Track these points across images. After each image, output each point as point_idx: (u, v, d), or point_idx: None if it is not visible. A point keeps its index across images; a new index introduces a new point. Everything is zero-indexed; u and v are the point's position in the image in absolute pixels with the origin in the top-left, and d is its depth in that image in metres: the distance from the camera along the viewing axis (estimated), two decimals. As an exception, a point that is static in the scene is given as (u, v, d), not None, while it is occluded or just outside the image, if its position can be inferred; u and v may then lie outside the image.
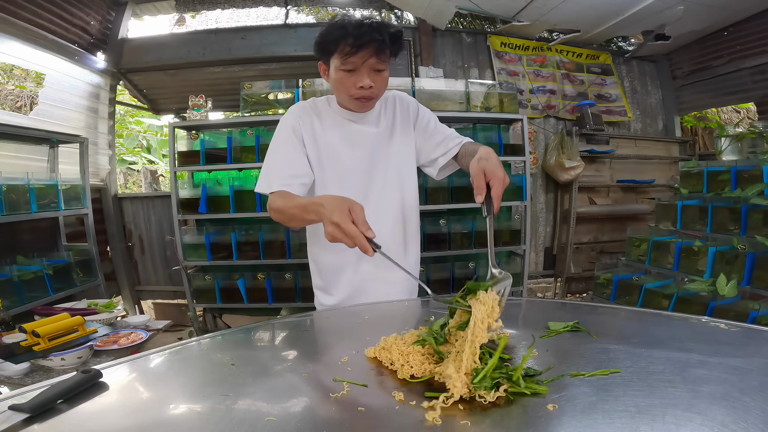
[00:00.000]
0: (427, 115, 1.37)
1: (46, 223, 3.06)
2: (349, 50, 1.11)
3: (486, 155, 1.07)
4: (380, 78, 1.18)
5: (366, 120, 1.28)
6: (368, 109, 1.27)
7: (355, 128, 1.27)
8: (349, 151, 1.26)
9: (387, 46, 1.13)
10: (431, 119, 1.36)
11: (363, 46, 1.10)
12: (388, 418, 0.57)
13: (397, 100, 1.35)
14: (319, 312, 1.29)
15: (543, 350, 0.76)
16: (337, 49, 1.13)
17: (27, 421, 0.56)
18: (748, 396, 0.56)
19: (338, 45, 1.13)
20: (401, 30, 1.19)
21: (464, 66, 4.09)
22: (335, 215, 0.86)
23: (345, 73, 1.16)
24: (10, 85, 5.32)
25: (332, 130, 1.26)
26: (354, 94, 1.18)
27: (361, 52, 1.11)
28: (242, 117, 3.13)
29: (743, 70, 3.90)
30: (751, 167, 2.43)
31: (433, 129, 1.34)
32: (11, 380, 1.50)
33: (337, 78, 1.18)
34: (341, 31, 1.11)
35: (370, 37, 1.10)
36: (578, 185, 3.99)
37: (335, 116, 1.28)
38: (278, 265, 3.06)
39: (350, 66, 1.14)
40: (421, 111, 1.37)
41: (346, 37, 1.11)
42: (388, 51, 1.15)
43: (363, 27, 1.11)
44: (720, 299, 2.28)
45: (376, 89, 1.18)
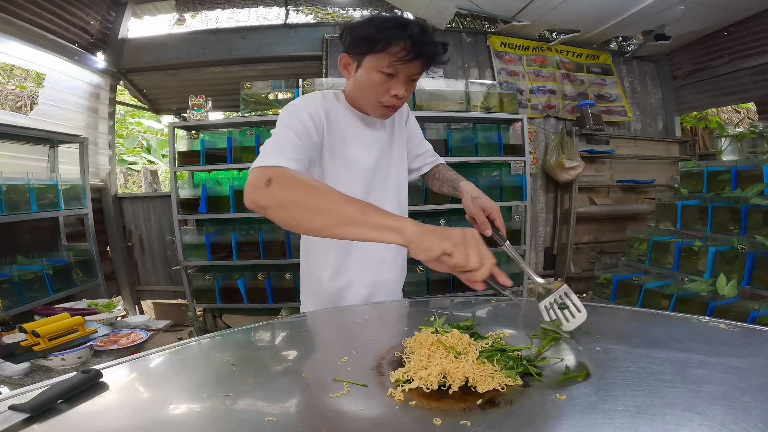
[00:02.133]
0: (414, 123, 1.36)
1: (46, 223, 3.06)
2: (404, 55, 0.98)
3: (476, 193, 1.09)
4: (411, 88, 1.09)
5: (375, 125, 1.21)
6: (387, 118, 1.18)
7: (367, 132, 1.19)
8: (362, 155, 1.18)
9: (439, 60, 1.04)
10: (417, 131, 1.36)
11: (421, 54, 0.99)
12: (388, 418, 0.57)
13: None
14: (319, 312, 1.28)
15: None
16: (387, 48, 0.99)
17: (27, 421, 0.56)
18: (748, 396, 0.56)
19: (392, 45, 0.98)
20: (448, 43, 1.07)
21: (464, 66, 4.09)
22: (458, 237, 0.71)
23: (383, 77, 1.02)
24: (11, 85, 5.32)
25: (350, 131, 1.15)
26: (384, 101, 1.07)
27: (416, 61, 1.00)
28: (242, 117, 3.13)
29: (743, 70, 3.90)
30: (751, 167, 2.43)
31: (417, 141, 1.34)
32: (11, 380, 1.50)
33: (371, 80, 1.04)
34: (402, 32, 0.97)
35: (431, 48, 1.00)
36: (578, 185, 3.99)
37: (347, 113, 1.16)
38: (278, 265, 3.06)
39: (393, 70, 1.01)
40: (410, 119, 1.34)
41: (406, 38, 0.97)
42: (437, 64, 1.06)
43: (427, 34, 0.99)
44: (720, 299, 2.28)
45: (405, 100, 1.10)
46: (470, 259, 0.69)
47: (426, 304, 1.24)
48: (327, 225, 0.77)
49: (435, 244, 0.70)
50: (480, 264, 0.70)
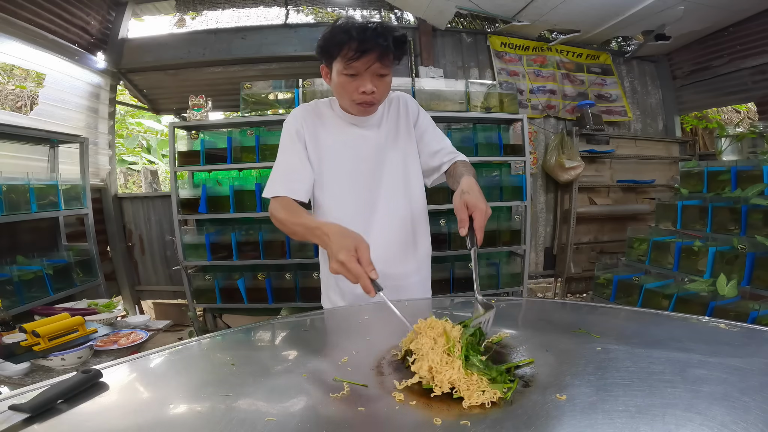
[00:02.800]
0: (426, 121, 1.35)
1: (46, 223, 3.06)
2: (352, 55, 1.08)
3: (468, 188, 1.04)
4: (383, 83, 1.16)
5: (368, 123, 1.26)
6: (370, 114, 1.25)
7: (357, 132, 1.25)
8: (351, 155, 1.24)
9: (391, 51, 1.12)
10: (429, 126, 1.35)
11: (367, 51, 1.08)
12: (388, 418, 0.57)
13: (401, 101, 1.33)
14: (319, 312, 1.29)
15: (543, 350, 0.76)
16: (340, 53, 1.11)
17: (27, 421, 0.56)
18: (748, 396, 0.56)
19: (341, 49, 1.10)
20: (405, 34, 1.16)
21: (464, 66, 4.09)
22: (341, 254, 0.86)
23: (347, 78, 1.13)
24: (11, 85, 5.32)
25: (334, 133, 1.25)
26: (356, 99, 1.16)
27: (364, 58, 1.09)
28: (242, 117, 3.13)
29: (743, 70, 3.90)
30: (751, 167, 2.42)
31: (430, 137, 1.33)
32: (11, 380, 1.50)
33: (340, 82, 1.15)
34: (345, 35, 1.09)
35: (374, 42, 1.08)
36: (578, 185, 3.99)
37: (337, 119, 1.26)
38: (278, 265, 3.06)
39: (353, 71, 1.11)
40: (420, 116, 1.35)
41: (349, 41, 1.08)
42: (391, 56, 1.13)
43: (367, 31, 1.08)
44: (720, 299, 2.28)
45: (379, 94, 1.16)
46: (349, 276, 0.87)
47: (426, 304, 1.24)
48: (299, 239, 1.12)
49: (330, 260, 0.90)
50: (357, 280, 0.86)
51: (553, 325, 0.92)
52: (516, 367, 0.69)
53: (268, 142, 2.91)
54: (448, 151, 1.31)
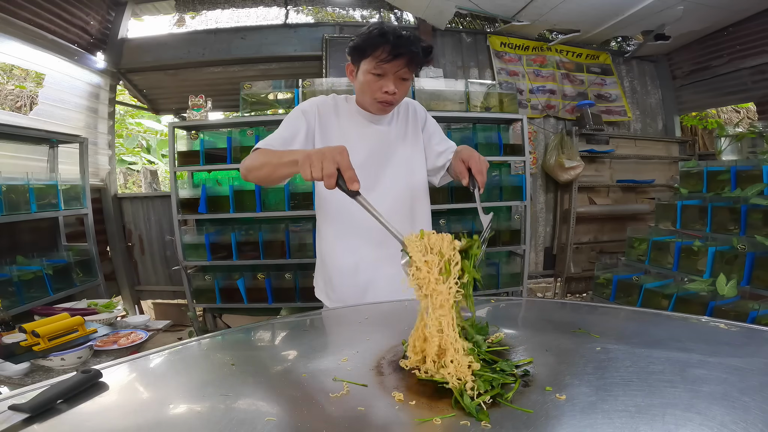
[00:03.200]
0: (433, 125, 1.47)
1: (45, 223, 3.06)
2: (385, 57, 1.18)
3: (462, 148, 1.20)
4: (404, 86, 1.26)
5: (381, 121, 1.36)
6: (387, 113, 1.34)
7: (370, 127, 1.34)
8: (362, 147, 1.31)
9: (420, 59, 1.22)
10: (436, 131, 1.46)
11: (400, 55, 1.18)
12: (388, 418, 0.57)
13: (410, 107, 1.44)
14: (319, 312, 1.29)
15: (542, 350, 0.76)
16: (373, 53, 1.19)
17: (27, 421, 0.56)
18: (748, 396, 0.56)
19: (376, 50, 1.19)
20: (432, 46, 1.28)
21: (464, 66, 4.09)
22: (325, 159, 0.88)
23: (374, 77, 1.22)
24: (10, 85, 5.32)
25: (349, 126, 1.33)
26: (378, 97, 1.25)
27: (396, 61, 1.18)
28: (242, 117, 3.13)
29: (743, 70, 3.90)
30: (750, 167, 2.43)
31: (437, 140, 1.44)
32: (11, 380, 1.50)
33: (365, 80, 1.24)
34: (382, 38, 1.18)
35: (407, 49, 1.18)
36: (578, 185, 3.99)
37: (353, 114, 1.35)
38: (278, 265, 3.06)
39: (381, 71, 1.21)
40: (428, 120, 1.46)
41: (385, 44, 1.17)
42: (418, 63, 1.23)
43: (402, 38, 1.18)
44: (720, 299, 2.28)
45: (399, 96, 1.26)
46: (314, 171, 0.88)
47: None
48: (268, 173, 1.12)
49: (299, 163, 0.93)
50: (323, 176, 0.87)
51: (552, 325, 0.92)
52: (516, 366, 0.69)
53: (268, 142, 2.91)
54: (452, 149, 1.41)
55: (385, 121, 1.36)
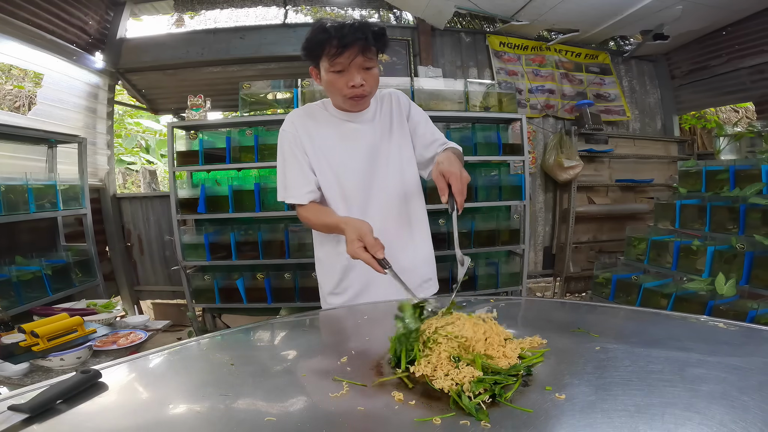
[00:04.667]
0: (418, 114, 1.39)
1: (44, 223, 3.05)
2: (334, 51, 1.14)
3: (444, 158, 1.11)
4: (370, 75, 1.20)
5: (362, 119, 1.31)
6: (363, 108, 1.30)
7: (352, 127, 1.30)
8: (346, 148, 1.29)
9: (371, 44, 1.16)
10: (422, 119, 1.39)
11: (347, 45, 1.13)
12: (388, 418, 0.57)
13: (393, 97, 1.38)
14: (319, 312, 1.29)
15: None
16: (323, 51, 1.16)
17: (26, 421, 0.56)
18: (747, 395, 0.56)
19: (324, 48, 1.15)
20: (384, 27, 1.21)
21: (463, 66, 4.09)
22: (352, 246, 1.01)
23: (335, 75, 1.19)
24: (9, 85, 5.31)
25: (330, 131, 1.30)
26: (347, 93, 1.21)
27: (346, 52, 1.14)
28: (241, 117, 3.12)
29: (741, 70, 3.91)
30: (749, 166, 2.43)
31: (423, 130, 1.38)
32: (10, 380, 1.50)
33: (329, 80, 1.20)
34: (324, 34, 1.14)
35: (353, 37, 1.13)
36: (577, 185, 3.99)
37: (331, 118, 1.31)
38: (277, 264, 3.05)
39: (339, 67, 1.17)
40: (413, 110, 1.39)
41: (329, 39, 1.14)
42: (373, 48, 1.18)
43: (345, 28, 1.13)
44: (719, 298, 2.28)
45: (368, 87, 1.21)
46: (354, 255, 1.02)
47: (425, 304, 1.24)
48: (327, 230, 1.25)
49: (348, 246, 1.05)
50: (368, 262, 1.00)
51: (552, 325, 0.92)
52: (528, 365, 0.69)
53: (267, 142, 2.91)
54: (440, 142, 1.37)
55: (367, 117, 1.32)
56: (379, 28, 1.18)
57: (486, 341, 0.72)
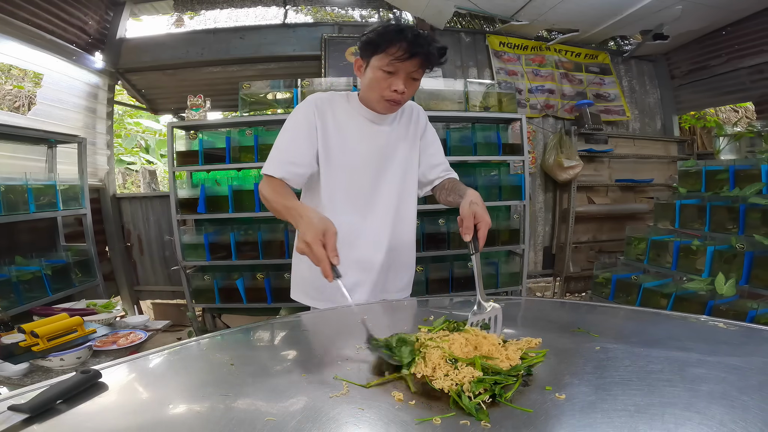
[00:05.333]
0: (432, 135, 1.44)
1: (44, 223, 3.05)
2: (401, 54, 1.15)
3: (476, 200, 1.13)
4: (413, 86, 1.23)
5: (383, 120, 1.32)
6: (392, 112, 1.31)
7: (371, 127, 1.31)
8: (362, 147, 1.30)
9: (435, 60, 1.19)
10: (435, 141, 1.43)
11: (415, 54, 1.15)
12: (388, 418, 0.57)
13: (414, 111, 1.41)
14: (319, 312, 1.29)
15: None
16: (388, 49, 1.16)
17: (26, 421, 0.56)
18: (747, 395, 0.56)
19: (391, 46, 1.15)
20: (447, 47, 1.24)
21: (463, 65, 4.09)
22: (308, 235, 0.93)
23: (384, 74, 1.19)
24: (8, 85, 5.31)
25: (348, 125, 1.30)
26: (386, 95, 1.21)
27: (411, 60, 1.15)
28: (241, 117, 3.12)
29: (741, 70, 3.91)
30: (749, 166, 2.43)
31: (433, 150, 1.42)
32: (10, 380, 1.49)
33: (375, 77, 1.20)
34: (399, 35, 1.15)
35: (424, 49, 1.15)
36: (577, 184, 3.99)
37: (353, 113, 1.31)
38: (277, 264, 3.05)
39: (393, 68, 1.17)
40: (428, 130, 1.43)
41: (401, 41, 1.14)
42: (432, 64, 1.20)
43: (420, 37, 1.15)
44: (718, 298, 2.28)
45: (407, 96, 1.23)
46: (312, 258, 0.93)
47: (425, 303, 1.25)
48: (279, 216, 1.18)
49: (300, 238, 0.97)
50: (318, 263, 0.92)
51: (552, 325, 0.92)
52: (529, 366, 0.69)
53: (267, 142, 2.91)
54: (445, 167, 1.42)
55: (387, 121, 1.33)
56: (443, 47, 1.21)
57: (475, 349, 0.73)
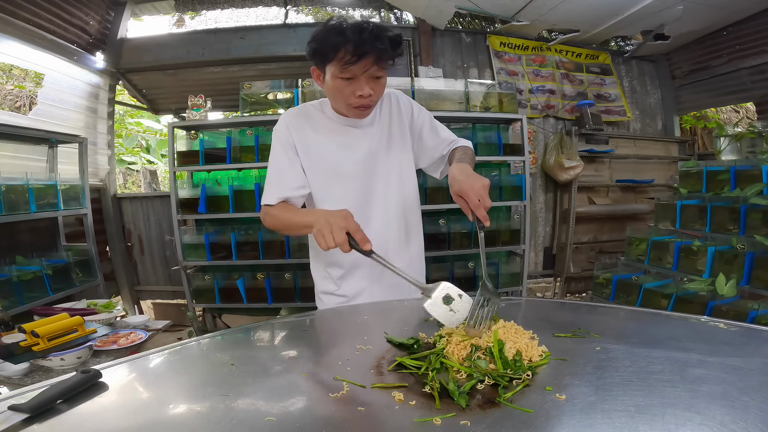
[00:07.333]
0: (421, 116, 1.32)
1: (45, 223, 3.05)
2: (349, 58, 1.04)
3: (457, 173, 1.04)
4: (379, 85, 1.13)
5: (361, 123, 1.24)
6: (366, 116, 1.22)
7: (351, 133, 1.24)
8: (346, 157, 1.23)
9: (389, 54, 1.08)
10: (426, 121, 1.32)
11: (364, 54, 1.04)
12: (388, 418, 0.57)
13: (393, 99, 1.30)
14: (319, 312, 1.29)
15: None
16: (335, 56, 1.06)
17: (27, 421, 0.56)
18: (747, 395, 0.56)
19: (337, 52, 1.05)
20: (400, 34, 1.13)
21: (464, 66, 4.09)
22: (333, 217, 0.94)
23: (343, 81, 1.09)
24: (9, 85, 5.31)
25: (327, 137, 1.23)
26: (353, 102, 1.13)
27: (362, 61, 1.05)
28: (241, 117, 3.13)
29: (742, 70, 3.90)
30: (750, 167, 2.43)
31: (428, 131, 1.32)
32: (11, 380, 1.50)
33: (335, 86, 1.11)
34: (340, 38, 1.04)
35: (371, 46, 1.04)
36: (577, 185, 3.99)
37: (329, 122, 1.24)
38: (278, 264, 3.06)
39: (349, 74, 1.08)
40: (415, 112, 1.32)
41: (345, 43, 1.04)
42: (388, 58, 1.09)
43: (363, 33, 1.03)
44: (719, 299, 2.28)
45: (375, 97, 1.14)
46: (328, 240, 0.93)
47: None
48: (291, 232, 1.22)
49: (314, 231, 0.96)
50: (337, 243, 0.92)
51: (552, 325, 0.92)
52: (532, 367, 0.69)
53: (268, 142, 2.91)
54: (448, 141, 1.31)
55: (366, 123, 1.24)
56: (396, 35, 1.09)
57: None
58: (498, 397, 0.59)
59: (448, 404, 0.59)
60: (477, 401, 0.59)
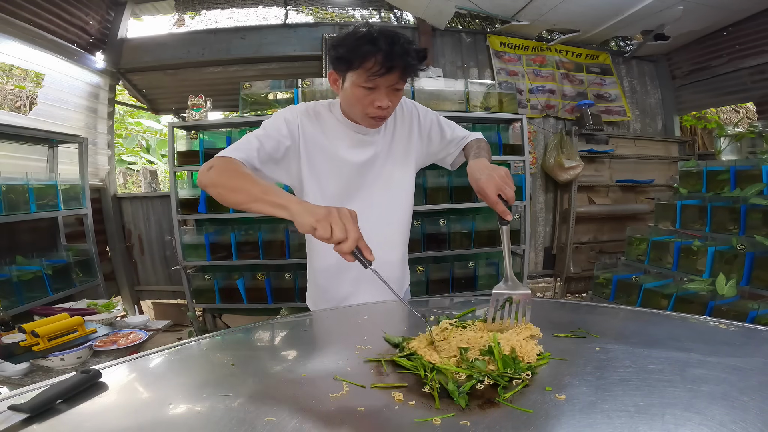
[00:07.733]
0: (428, 119, 1.31)
1: (45, 223, 3.06)
2: (377, 69, 1.02)
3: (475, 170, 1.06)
4: (397, 97, 1.12)
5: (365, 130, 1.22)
6: (378, 127, 1.20)
7: (356, 137, 1.22)
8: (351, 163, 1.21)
9: (415, 69, 1.08)
10: (434, 123, 1.31)
11: (393, 68, 1.03)
12: (388, 418, 0.57)
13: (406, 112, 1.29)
14: (319, 312, 1.29)
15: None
16: (362, 65, 1.03)
17: (26, 421, 0.56)
18: (747, 395, 0.56)
19: (365, 61, 1.03)
20: (426, 49, 1.14)
21: (464, 66, 4.09)
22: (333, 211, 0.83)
23: (364, 90, 1.07)
24: (9, 85, 5.31)
25: (336, 140, 1.20)
26: (370, 112, 1.11)
27: (390, 74, 1.04)
28: (242, 117, 3.13)
29: (742, 70, 3.91)
30: (750, 167, 2.43)
31: (437, 133, 1.31)
32: (11, 380, 1.50)
33: (354, 94, 1.09)
34: (372, 47, 1.01)
35: (401, 59, 1.03)
36: (578, 185, 3.99)
37: (338, 124, 1.22)
38: (278, 264, 3.06)
39: (372, 84, 1.06)
40: (421, 116, 1.30)
41: (376, 53, 1.01)
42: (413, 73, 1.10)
43: (395, 47, 1.02)
44: (719, 299, 2.28)
45: (392, 108, 1.13)
46: (333, 232, 0.81)
47: (426, 303, 1.24)
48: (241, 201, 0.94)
49: (306, 219, 0.84)
50: (344, 237, 0.81)
51: (552, 325, 0.92)
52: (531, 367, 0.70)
53: (268, 142, 2.91)
54: (458, 140, 1.31)
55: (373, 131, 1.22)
56: (422, 50, 1.08)
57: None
58: (498, 397, 0.60)
59: (448, 404, 0.59)
60: (477, 401, 0.59)
